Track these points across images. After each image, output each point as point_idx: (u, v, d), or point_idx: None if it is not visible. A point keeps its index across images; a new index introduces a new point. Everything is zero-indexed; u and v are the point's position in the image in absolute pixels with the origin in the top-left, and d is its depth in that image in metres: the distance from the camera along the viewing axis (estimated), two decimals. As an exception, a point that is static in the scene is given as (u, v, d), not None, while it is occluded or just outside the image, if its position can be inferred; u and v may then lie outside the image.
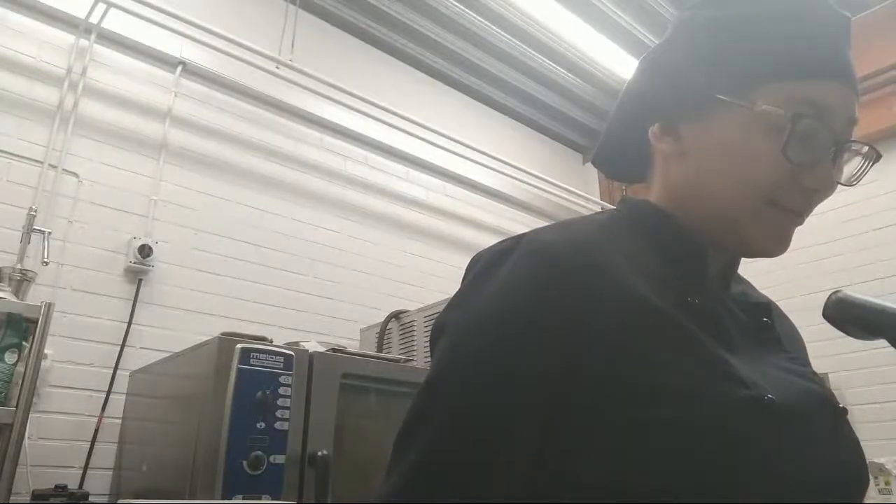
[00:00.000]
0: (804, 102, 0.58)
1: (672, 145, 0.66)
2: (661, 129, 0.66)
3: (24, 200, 2.20)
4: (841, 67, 0.59)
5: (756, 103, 0.59)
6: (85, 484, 2.08)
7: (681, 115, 0.65)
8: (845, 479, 0.57)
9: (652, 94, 0.68)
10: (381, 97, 3.17)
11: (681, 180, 0.65)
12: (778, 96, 0.58)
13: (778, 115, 0.58)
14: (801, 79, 0.58)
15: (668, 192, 0.67)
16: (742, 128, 0.60)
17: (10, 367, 1.68)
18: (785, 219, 0.61)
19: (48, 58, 2.41)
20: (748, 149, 0.60)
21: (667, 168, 0.67)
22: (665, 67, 0.67)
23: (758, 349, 0.62)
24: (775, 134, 0.58)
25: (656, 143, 0.67)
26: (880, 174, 3.23)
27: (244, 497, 1.42)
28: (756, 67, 0.60)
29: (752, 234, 0.61)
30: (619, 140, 0.74)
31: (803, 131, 0.57)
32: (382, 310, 2.79)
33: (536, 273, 0.56)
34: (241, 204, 2.78)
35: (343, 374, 1.80)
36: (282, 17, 3.08)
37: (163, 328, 2.41)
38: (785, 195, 0.60)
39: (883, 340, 0.63)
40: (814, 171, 0.59)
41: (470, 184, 3.71)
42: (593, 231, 0.62)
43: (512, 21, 3.34)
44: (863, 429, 3.01)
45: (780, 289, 3.21)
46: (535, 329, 0.53)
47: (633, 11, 3.27)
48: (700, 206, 0.63)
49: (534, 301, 0.55)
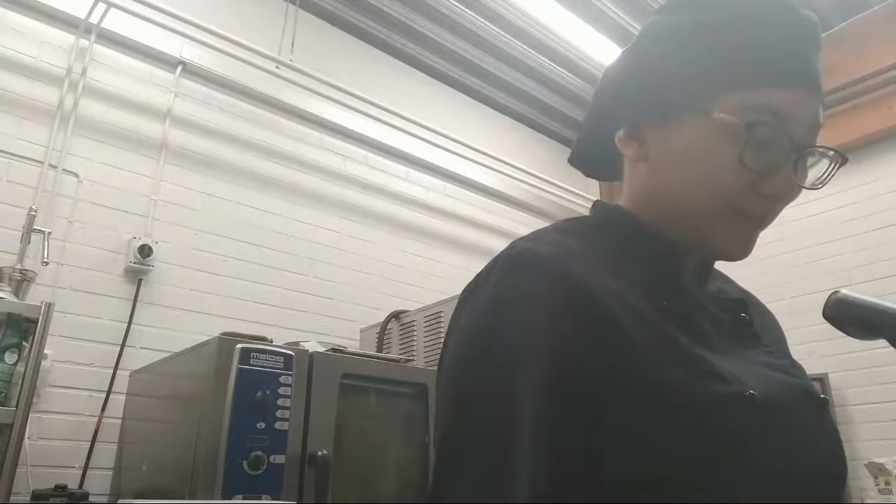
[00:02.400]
0: (762, 109, 0.58)
1: (637, 150, 0.66)
2: (626, 134, 0.66)
3: (24, 200, 2.20)
4: (801, 73, 0.59)
5: (713, 111, 0.59)
6: (85, 484, 2.08)
7: (645, 120, 0.65)
8: (827, 469, 0.59)
9: (620, 98, 0.68)
10: (381, 97, 3.17)
11: (646, 185, 0.66)
12: (735, 104, 0.58)
13: (733, 123, 0.57)
14: (759, 86, 0.58)
15: (636, 197, 0.68)
16: (701, 135, 0.60)
17: (10, 367, 1.68)
18: (746, 225, 0.61)
19: (48, 58, 2.41)
20: (707, 156, 0.60)
21: (634, 172, 0.68)
22: (630, 72, 0.67)
23: (737, 346, 0.63)
24: (733, 141, 0.58)
25: (622, 148, 0.67)
26: (880, 174, 3.23)
27: (244, 497, 1.42)
28: (715, 74, 0.60)
29: (713, 239, 0.62)
30: (594, 141, 0.74)
31: (759, 139, 0.57)
32: (382, 310, 2.79)
33: (521, 278, 0.56)
34: (241, 204, 2.78)
35: (343, 374, 1.81)
36: (282, 17, 3.08)
37: (163, 328, 2.41)
38: (745, 202, 0.60)
39: (883, 340, 0.63)
40: (773, 178, 0.59)
41: (470, 184, 3.71)
42: (568, 237, 0.62)
43: (512, 21, 3.34)
44: (863, 429, 3.02)
45: (780, 289, 3.22)
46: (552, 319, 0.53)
47: (633, 12, 3.27)
48: (664, 211, 0.64)
49: (533, 305, 0.54)
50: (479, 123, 3.90)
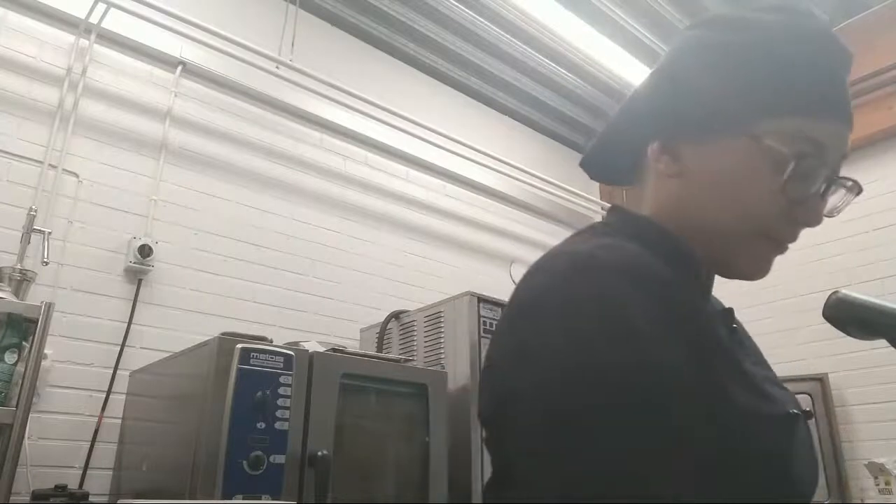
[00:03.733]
0: (807, 140, 0.58)
1: (669, 165, 0.65)
2: (660, 148, 0.65)
3: (24, 200, 2.20)
4: (843, 105, 0.60)
5: (761, 137, 0.59)
6: (85, 484, 2.08)
7: (682, 135, 0.64)
8: (817, 478, 0.63)
9: (654, 110, 0.67)
10: (381, 97, 3.17)
11: (675, 199, 0.65)
12: (782, 131, 0.58)
13: (782, 152, 0.58)
14: (807, 116, 0.59)
15: (660, 208, 0.67)
16: (745, 159, 0.60)
17: (10, 367, 1.68)
18: (770, 248, 0.62)
19: (48, 58, 2.41)
20: (748, 180, 0.60)
21: (661, 186, 0.67)
22: (671, 84, 0.65)
23: (743, 358, 0.63)
24: (777, 169, 0.58)
25: (653, 161, 0.66)
26: (881, 174, 3.23)
27: (244, 497, 1.43)
28: (763, 99, 0.60)
29: (736, 259, 0.63)
30: (614, 148, 0.73)
31: (804, 170, 0.58)
32: (382, 310, 2.79)
33: (603, 281, 0.53)
34: (241, 204, 2.78)
35: (343, 374, 1.81)
36: (282, 17, 3.08)
37: (163, 328, 2.41)
38: (774, 226, 0.61)
39: (883, 340, 0.63)
40: (805, 206, 0.60)
41: (470, 184, 3.71)
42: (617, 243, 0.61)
43: (512, 21, 3.34)
44: (863, 429, 3.02)
45: (780, 289, 3.22)
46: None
47: (633, 11, 3.27)
48: (691, 226, 0.64)
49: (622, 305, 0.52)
50: (479, 123, 3.90)
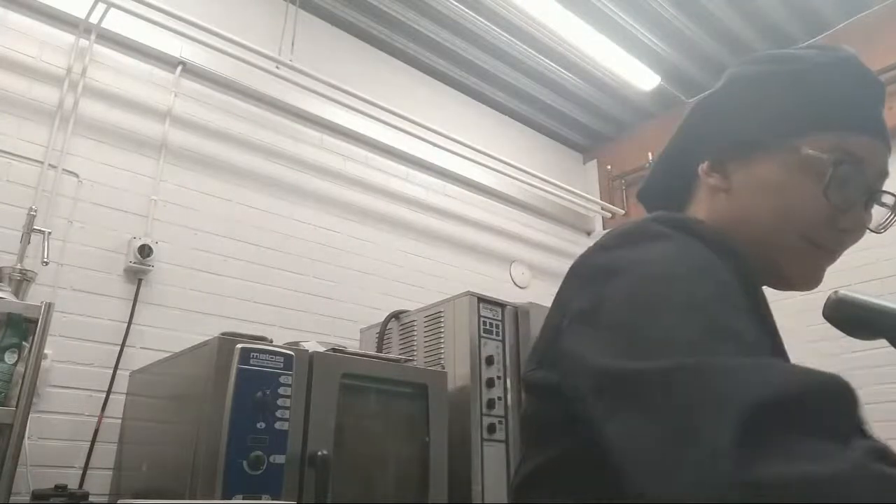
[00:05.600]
0: (844, 152, 0.65)
1: (719, 181, 0.72)
2: (710, 166, 0.73)
3: (24, 200, 2.20)
4: (879, 126, 0.68)
5: (801, 148, 0.65)
6: (85, 484, 2.08)
7: (729, 154, 0.71)
8: None
9: (703, 133, 0.75)
10: (381, 97, 3.17)
11: (726, 212, 0.71)
12: (822, 144, 0.65)
13: (821, 159, 0.64)
14: (845, 131, 0.65)
15: (713, 222, 0.71)
16: (788, 168, 0.66)
17: (10, 367, 1.68)
18: (819, 255, 0.67)
19: (48, 58, 2.41)
20: (791, 187, 0.66)
21: (713, 201, 0.73)
22: (719, 111, 0.74)
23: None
24: (816, 177, 0.64)
25: (705, 177, 0.73)
26: (880, 174, 3.23)
27: (244, 497, 1.42)
28: (805, 117, 0.67)
29: (789, 268, 0.69)
30: (668, 174, 0.80)
31: (842, 176, 0.64)
32: (382, 310, 2.79)
33: (697, 248, 0.60)
34: (241, 204, 2.78)
35: (343, 374, 1.81)
36: (282, 17, 3.08)
37: (163, 328, 2.41)
38: (819, 233, 0.66)
39: (883, 340, 0.63)
40: (847, 214, 0.66)
41: (470, 184, 3.71)
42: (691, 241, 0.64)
43: (512, 21, 3.34)
44: (863, 429, 3.01)
45: (780, 289, 3.22)
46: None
47: (633, 11, 3.27)
48: (742, 239, 0.68)
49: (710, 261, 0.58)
50: (480, 123, 3.90)
